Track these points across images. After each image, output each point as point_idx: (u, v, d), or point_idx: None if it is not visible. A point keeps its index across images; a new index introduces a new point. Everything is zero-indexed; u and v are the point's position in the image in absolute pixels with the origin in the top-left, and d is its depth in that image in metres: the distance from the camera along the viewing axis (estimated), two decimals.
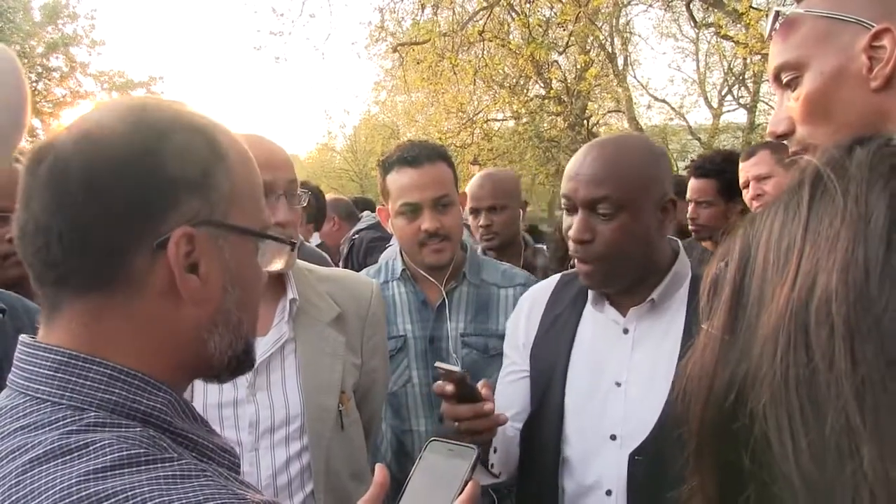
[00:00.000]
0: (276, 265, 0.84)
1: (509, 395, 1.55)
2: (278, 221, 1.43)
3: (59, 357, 0.69)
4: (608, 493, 1.38)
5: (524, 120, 18.02)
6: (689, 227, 3.03)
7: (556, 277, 1.65)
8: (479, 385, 1.31)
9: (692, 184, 3.00)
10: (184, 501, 0.61)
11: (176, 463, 0.65)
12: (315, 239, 3.68)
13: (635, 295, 1.44)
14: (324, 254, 2.80)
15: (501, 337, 1.96)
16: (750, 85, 21.89)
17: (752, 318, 0.47)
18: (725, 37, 14.08)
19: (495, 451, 1.38)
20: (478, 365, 1.96)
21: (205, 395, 1.41)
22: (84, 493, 0.59)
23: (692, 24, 17.34)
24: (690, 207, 2.99)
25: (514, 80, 17.15)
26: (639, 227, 1.35)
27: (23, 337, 0.73)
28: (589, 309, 1.50)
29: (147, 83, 25.82)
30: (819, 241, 0.44)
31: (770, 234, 0.48)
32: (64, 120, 0.80)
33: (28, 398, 0.69)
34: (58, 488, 0.60)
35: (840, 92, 0.87)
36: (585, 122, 18.95)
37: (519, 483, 1.55)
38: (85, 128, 0.70)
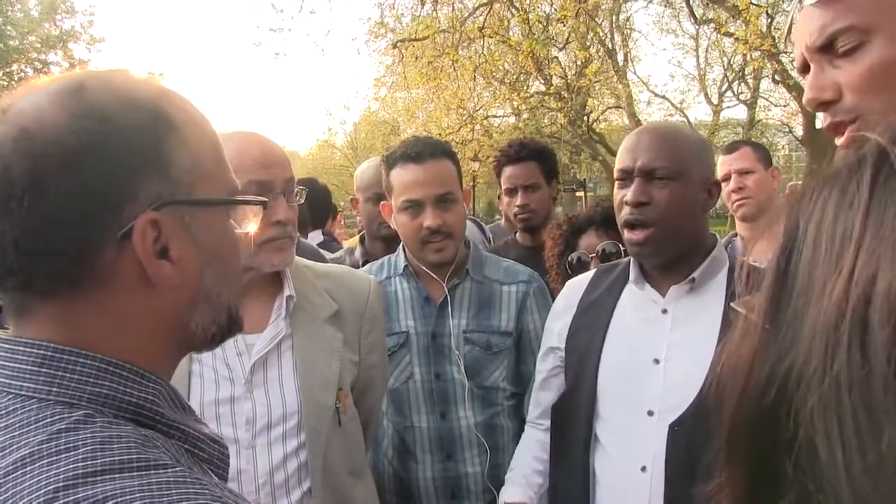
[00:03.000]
0: (252, 227, 0.81)
1: (542, 393, 1.66)
2: (278, 220, 1.43)
3: (42, 351, 0.65)
4: (643, 468, 1.40)
5: (524, 116, 18.03)
6: (518, 215, 2.75)
7: (593, 270, 1.71)
8: None
9: (512, 171, 2.77)
10: None
11: (170, 469, 0.62)
12: (317, 236, 3.66)
13: (675, 274, 1.50)
14: (320, 251, 2.79)
15: (504, 334, 1.96)
16: (750, 81, 21.87)
17: (797, 308, 0.42)
18: (726, 33, 14.06)
19: None
20: (479, 362, 1.95)
21: (202, 393, 1.40)
22: (71, 498, 0.56)
23: (692, 21, 17.31)
24: (520, 195, 2.74)
25: (515, 77, 17.12)
26: (689, 199, 1.45)
27: None
28: (627, 292, 1.56)
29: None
30: (882, 233, 0.39)
31: (823, 216, 0.43)
32: None
33: (11, 395, 0.65)
34: (43, 491, 0.57)
35: None
36: (586, 118, 18.95)
37: (551, 463, 1.58)
38: (22, 123, 0.64)
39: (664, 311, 1.49)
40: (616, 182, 1.51)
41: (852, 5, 0.84)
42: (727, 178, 2.71)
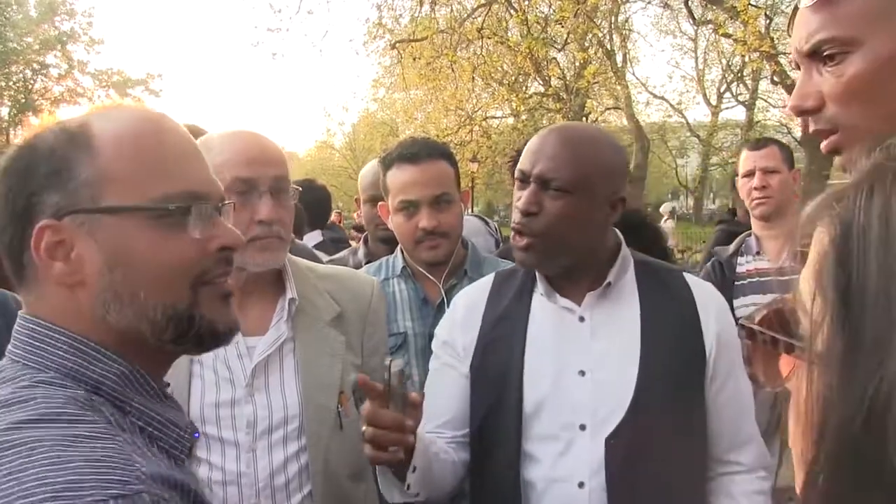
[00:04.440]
0: (197, 233, 0.85)
1: (443, 400, 1.51)
2: (260, 219, 1.41)
3: (29, 325, 0.81)
4: (580, 485, 1.36)
5: (523, 117, 18.02)
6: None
7: (490, 276, 1.63)
8: (412, 395, 1.26)
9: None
10: (81, 457, 0.68)
11: (91, 424, 0.72)
12: (315, 237, 3.66)
13: (585, 281, 1.45)
14: (316, 252, 2.78)
15: None
16: (748, 82, 21.92)
17: (879, 323, 0.38)
18: (724, 34, 14.08)
19: (414, 470, 1.30)
20: None
21: (202, 395, 1.40)
22: (4, 439, 0.69)
23: (691, 22, 17.35)
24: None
25: (513, 78, 17.15)
26: (584, 213, 1.38)
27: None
28: (537, 302, 1.49)
29: (145, 80, 25.80)
30: None
31: (889, 218, 0.39)
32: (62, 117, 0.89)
33: (8, 359, 0.81)
34: None
35: (891, 77, 0.81)
36: (584, 119, 18.95)
37: (473, 481, 1.51)
38: None
39: (581, 319, 1.44)
40: (516, 182, 1.45)
41: (839, 15, 0.83)
42: (751, 174, 2.65)
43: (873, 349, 0.38)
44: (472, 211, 11.02)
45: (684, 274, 1.53)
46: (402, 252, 2.05)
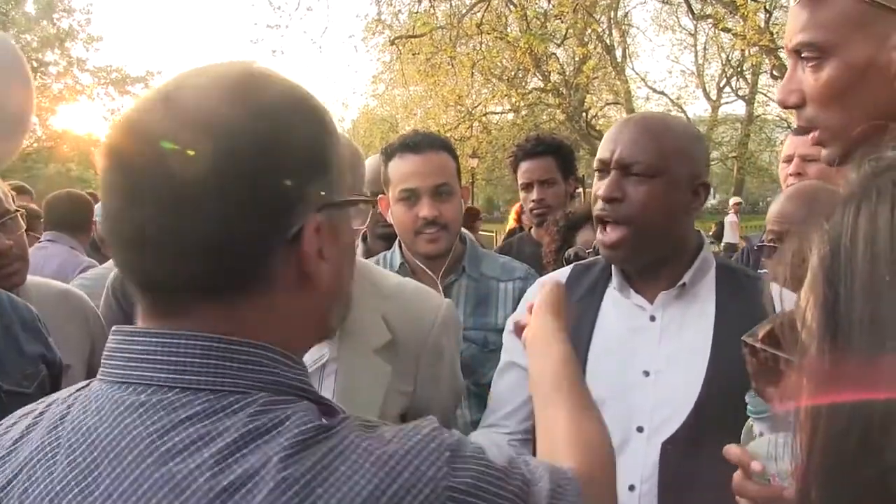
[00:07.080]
0: (358, 224, 0.92)
1: (506, 393, 1.51)
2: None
3: (208, 343, 0.65)
4: (631, 488, 1.32)
5: (523, 113, 18.03)
6: (533, 210, 2.77)
7: (568, 268, 1.60)
8: None
9: (529, 165, 2.78)
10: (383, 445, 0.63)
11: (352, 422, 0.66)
12: None
13: (662, 279, 1.41)
14: None
15: (501, 331, 1.94)
16: (748, 77, 21.89)
17: (863, 342, 0.38)
18: (724, 29, 14.08)
19: None
20: (476, 360, 1.93)
21: None
22: (294, 460, 0.59)
23: (690, 16, 17.33)
24: (535, 189, 2.75)
25: (513, 73, 17.14)
26: (668, 198, 1.35)
27: (126, 327, 0.68)
28: (609, 297, 1.46)
29: (144, 78, 25.77)
30: None
31: (874, 236, 0.39)
32: (62, 116, 0.74)
33: (177, 390, 0.64)
34: (270, 458, 0.60)
35: (863, 85, 0.82)
36: (584, 114, 18.97)
37: None
38: (197, 120, 0.64)
39: (652, 319, 1.40)
40: (595, 173, 1.43)
41: (819, 19, 0.84)
42: (790, 160, 2.51)
43: (857, 369, 0.38)
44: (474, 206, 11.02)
45: (771, 283, 1.47)
46: (400, 247, 2.04)
